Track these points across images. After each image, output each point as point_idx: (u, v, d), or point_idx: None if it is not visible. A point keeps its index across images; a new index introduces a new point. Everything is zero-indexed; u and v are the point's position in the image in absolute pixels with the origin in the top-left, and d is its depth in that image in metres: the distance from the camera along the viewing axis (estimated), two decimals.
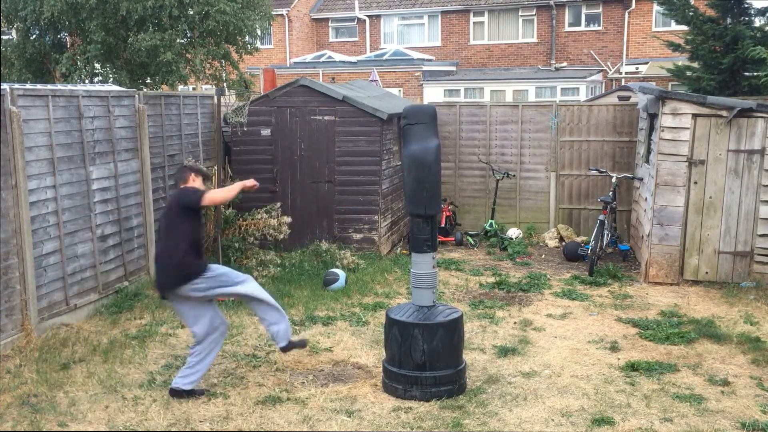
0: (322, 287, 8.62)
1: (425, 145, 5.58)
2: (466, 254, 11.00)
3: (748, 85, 12.88)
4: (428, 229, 5.70)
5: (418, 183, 5.59)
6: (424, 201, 5.62)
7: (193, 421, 5.25)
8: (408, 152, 5.63)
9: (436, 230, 5.82)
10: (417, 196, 5.63)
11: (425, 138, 5.61)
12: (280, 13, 25.50)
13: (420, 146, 5.58)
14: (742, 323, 7.56)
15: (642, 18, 24.00)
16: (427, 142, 5.59)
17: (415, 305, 5.78)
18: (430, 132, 5.67)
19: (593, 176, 11.59)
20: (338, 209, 10.29)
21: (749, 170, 8.80)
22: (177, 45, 15.38)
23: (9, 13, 15.57)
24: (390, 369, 5.72)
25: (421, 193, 5.61)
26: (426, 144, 5.58)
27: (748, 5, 13.47)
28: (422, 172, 5.57)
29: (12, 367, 6.13)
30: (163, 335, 7.03)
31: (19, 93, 6.69)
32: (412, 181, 5.62)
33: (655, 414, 5.40)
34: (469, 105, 12.89)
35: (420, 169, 5.57)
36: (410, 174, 5.62)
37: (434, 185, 5.65)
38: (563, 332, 7.28)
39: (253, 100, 10.41)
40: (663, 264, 9.12)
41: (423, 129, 5.63)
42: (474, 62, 26.21)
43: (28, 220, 6.69)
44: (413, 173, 5.60)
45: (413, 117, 5.68)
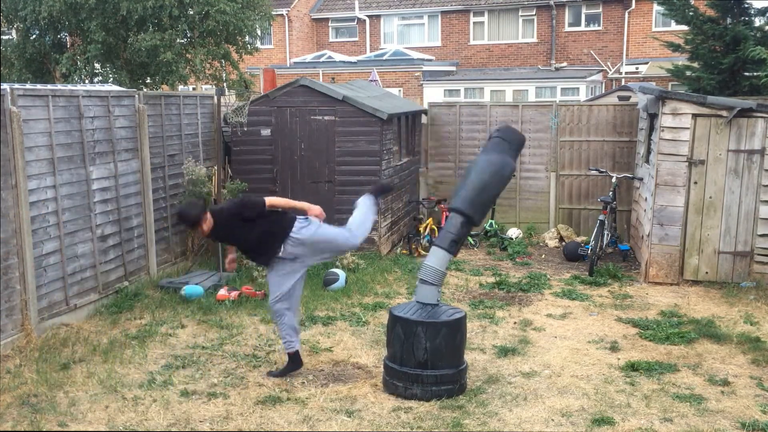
0: (322, 287, 8.62)
1: (506, 160, 5.77)
2: (466, 254, 11.00)
3: (748, 85, 12.87)
4: (462, 233, 5.74)
5: (482, 187, 5.69)
6: (478, 205, 5.70)
7: (193, 421, 5.25)
8: (489, 157, 5.78)
9: (466, 238, 5.88)
10: (475, 198, 5.68)
11: (507, 155, 5.82)
12: (280, 13, 25.50)
13: (501, 158, 5.76)
14: (742, 323, 7.56)
15: (642, 18, 24.00)
16: (507, 159, 5.80)
17: (418, 303, 5.78)
18: (513, 154, 5.90)
19: (593, 176, 11.59)
20: (338, 209, 10.27)
21: (749, 170, 8.80)
22: (177, 45, 15.38)
23: (9, 13, 15.57)
24: (391, 366, 5.72)
25: (480, 198, 5.68)
26: (506, 160, 5.78)
27: (748, 5, 13.47)
28: (494, 179, 5.71)
29: (12, 367, 6.13)
30: (163, 335, 7.03)
31: (19, 93, 6.69)
32: (477, 183, 5.69)
33: (655, 414, 5.40)
34: (469, 105, 12.90)
35: (493, 176, 5.70)
36: (479, 176, 5.70)
37: (493, 197, 5.93)
38: (563, 332, 7.28)
39: (253, 100, 10.40)
40: (663, 264, 9.12)
41: (508, 147, 5.86)
42: (474, 62, 26.21)
43: (28, 220, 6.69)
44: (485, 176, 5.69)
45: (506, 134, 5.97)
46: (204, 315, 7.63)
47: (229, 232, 5.93)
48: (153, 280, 8.70)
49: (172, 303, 7.97)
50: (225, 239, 6.33)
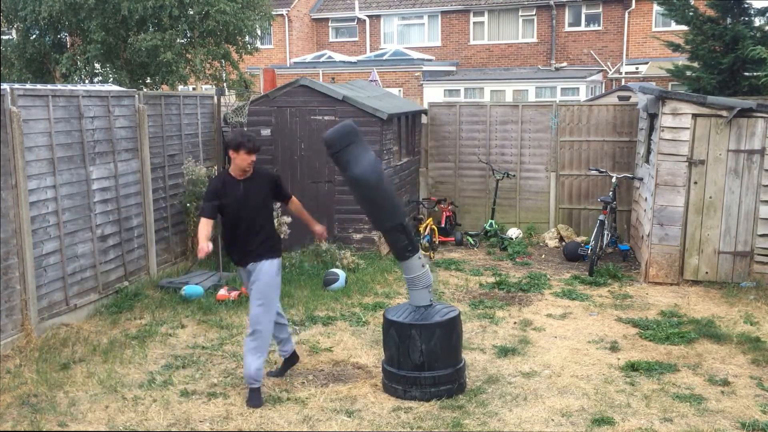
0: (322, 287, 8.62)
1: (361, 165, 5.33)
2: (466, 254, 11.00)
3: (748, 85, 12.87)
4: (404, 236, 5.62)
5: (369, 202, 5.54)
6: (385, 216, 5.55)
7: (193, 421, 5.25)
8: (348, 178, 5.43)
9: (411, 233, 5.77)
10: (376, 214, 5.61)
11: (360, 156, 5.34)
12: (280, 13, 25.51)
13: (358, 169, 5.33)
14: (742, 323, 7.56)
15: (642, 18, 24.00)
16: (362, 162, 5.32)
17: (412, 305, 5.78)
18: (361, 148, 5.40)
19: (593, 176, 11.59)
20: (338, 209, 10.30)
21: (749, 170, 8.80)
22: (177, 45, 15.39)
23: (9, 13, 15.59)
24: (389, 370, 5.72)
25: (379, 212, 5.56)
26: (362, 164, 5.31)
27: (748, 5, 13.46)
28: (369, 192, 5.45)
29: (12, 367, 6.13)
30: (163, 335, 7.03)
31: (19, 93, 6.69)
32: (364, 203, 5.58)
33: (655, 414, 5.40)
34: (469, 105, 12.89)
35: (366, 191, 5.45)
36: (359, 197, 5.57)
37: (388, 196, 5.54)
38: (563, 332, 7.28)
39: (253, 100, 10.41)
40: (663, 264, 9.12)
41: (354, 148, 5.36)
42: (474, 62, 26.21)
43: (28, 220, 6.69)
44: (360, 195, 5.53)
45: (337, 143, 5.34)
46: (204, 315, 7.63)
47: (255, 192, 5.59)
48: (153, 280, 8.71)
49: (172, 303, 7.97)
50: (243, 198, 5.57)
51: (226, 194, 5.58)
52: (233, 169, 5.63)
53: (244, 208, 5.60)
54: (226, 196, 5.57)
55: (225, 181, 5.66)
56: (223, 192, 5.59)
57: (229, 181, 5.64)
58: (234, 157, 5.55)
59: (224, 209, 5.60)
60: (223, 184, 5.64)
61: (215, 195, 5.59)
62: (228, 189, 5.60)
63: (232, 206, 5.58)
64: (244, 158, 5.52)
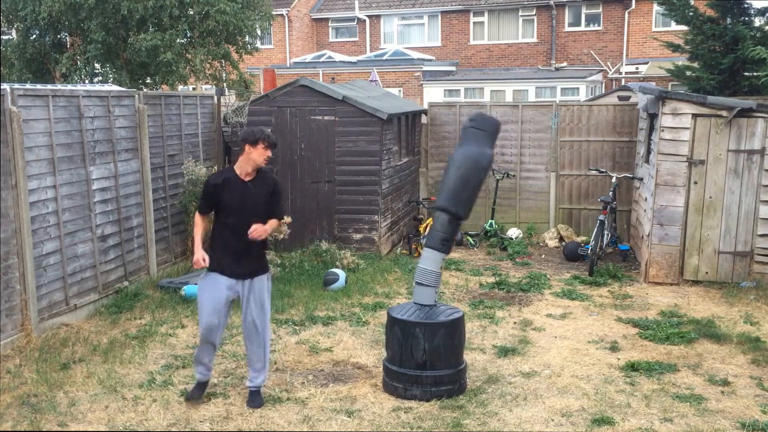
0: (322, 287, 8.62)
1: (483, 150, 5.65)
2: (466, 254, 11.00)
3: (748, 85, 12.87)
4: (451, 230, 5.69)
5: (463, 181, 5.59)
6: (462, 201, 5.63)
7: (193, 421, 5.25)
8: (465, 150, 5.65)
9: (456, 234, 5.81)
10: (458, 194, 5.62)
11: (484, 145, 5.68)
12: (280, 13, 25.50)
13: (477, 149, 5.63)
14: (742, 323, 7.56)
15: (642, 18, 23.99)
16: (484, 149, 5.67)
17: (416, 304, 5.78)
18: (489, 142, 5.75)
19: (593, 176, 11.59)
20: (338, 209, 10.29)
21: (749, 170, 8.80)
22: (177, 45, 15.39)
23: (9, 13, 15.58)
24: (390, 368, 5.72)
25: (463, 193, 5.61)
26: (483, 149, 5.66)
27: (748, 5, 13.46)
28: (473, 173, 5.59)
29: (12, 367, 6.13)
30: (163, 335, 7.03)
31: (19, 93, 6.69)
32: (458, 178, 5.60)
33: (655, 414, 5.40)
34: (469, 105, 12.90)
35: (472, 170, 5.59)
36: (458, 171, 5.61)
37: (476, 190, 5.71)
38: (563, 332, 7.28)
39: (253, 100, 10.41)
40: (663, 264, 9.12)
41: (484, 136, 5.71)
42: (474, 62, 26.20)
43: (28, 220, 6.69)
44: (462, 170, 5.59)
45: (480, 123, 5.80)
46: None
47: (259, 194, 5.33)
48: (153, 280, 8.70)
49: (172, 303, 7.97)
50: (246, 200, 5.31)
51: (226, 192, 5.28)
52: (241, 166, 5.33)
53: (245, 212, 5.28)
54: (227, 195, 5.27)
55: (227, 178, 5.34)
56: (222, 189, 5.29)
57: (231, 178, 5.33)
58: (250, 152, 5.27)
59: (222, 209, 5.31)
60: (224, 181, 5.33)
61: (213, 190, 5.33)
62: (230, 187, 5.29)
63: (233, 207, 5.28)
64: (262, 153, 5.27)
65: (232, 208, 5.31)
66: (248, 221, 5.26)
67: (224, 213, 5.35)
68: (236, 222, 5.29)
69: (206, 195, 5.42)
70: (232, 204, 5.30)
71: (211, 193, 5.35)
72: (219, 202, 5.33)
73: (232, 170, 5.39)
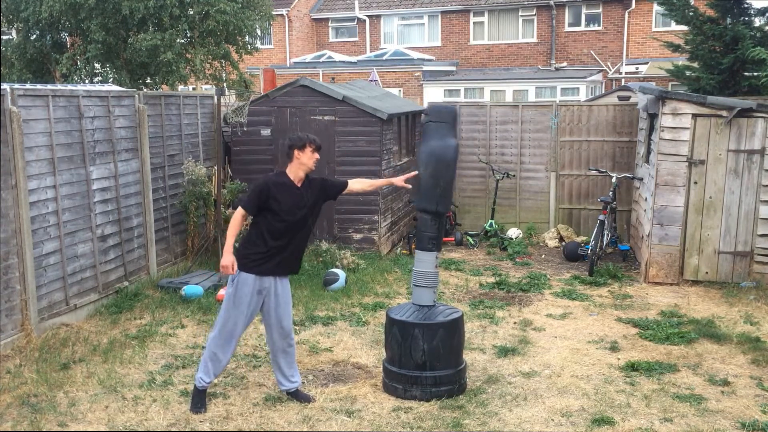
0: (322, 287, 8.62)
1: (445, 142, 5.59)
2: (466, 254, 11.00)
3: (748, 85, 12.87)
4: (435, 228, 5.69)
5: (433, 179, 5.58)
6: (436, 198, 5.62)
7: (193, 421, 5.25)
8: (427, 148, 5.62)
9: (443, 230, 5.82)
10: (430, 192, 5.61)
11: (445, 136, 5.62)
12: (280, 13, 25.50)
13: (440, 143, 5.58)
14: (742, 323, 7.56)
15: (642, 18, 24.00)
16: (447, 140, 5.61)
17: (415, 305, 5.78)
18: (451, 132, 5.69)
19: (593, 176, 11.60)
20: (338, 209, 10.29)
21: (749, 170, 8.80)
22: (177, 45, 15.39)
23: (9, 14, 15.59)
24: (390, 369, 5.72)
25: (435, 190, 5.60)
26: (446, 142, 5.60)
27: (748, 5, 13.46)
28: (440, 168, 5.57)
29: (12, 367, 6.12)
30: (163, 335, 7.03)
31: (19, 93, 6.69)
32: (427, 177, 5.60)
33: (655, 414, 5.40)
34: (469, 105, 12.89)
35: (438, 166, 5.57)
36: (426, 169, 5.60)
37: (448, 183, 5.67)
38: (563, 332, 7.28)
39: (253, 100, 10.41)
40: (663, 264, 9.12)
41: (444, 128, 5.65)
42: (474, 62, 26.21)
43: (28, 220, 6.69)
44: (430, 169, 5.58)
45: (436, 115, 5.71)
46: (204, 315, 7.63)
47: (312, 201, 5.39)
48: (153, 280, 8.70)
49: (172, 303, 7.97)
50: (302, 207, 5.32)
51: (281, 197, 5.24)
52: (294, 172, 5.31)
53: (299, 219, 5.31)
54: (282, 200, 5.23)
55: (283, 183, 5.29)
56: (276, 193, 5.23)
57: (287, 183, 5.30)
58: (299, 157, 5.27)
59: (273, 214, 5.23)
60: (281, 185, 5.27)
61: (267, 193, 5.21)
62: (285, 192, 5.27)
63: (288, 213, 5.26)
64: (311, 156, 5.29)
65: (292, 214, 5.27)
66: (303, 227, 5.38)
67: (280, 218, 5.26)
68: (292, 229, 5.33)
69: (258, 196, 5.24)
70: (293, 209, 5.28)
71: (265, 196, 5.23)
72: (272, 209, 5.22)
73: (286, 175, 5.35)
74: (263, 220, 5.28)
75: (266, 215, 5.25)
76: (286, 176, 5.34)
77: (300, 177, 5.35)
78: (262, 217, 5.28)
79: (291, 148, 5.32)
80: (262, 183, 5.33)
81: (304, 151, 5.29)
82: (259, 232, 5.30)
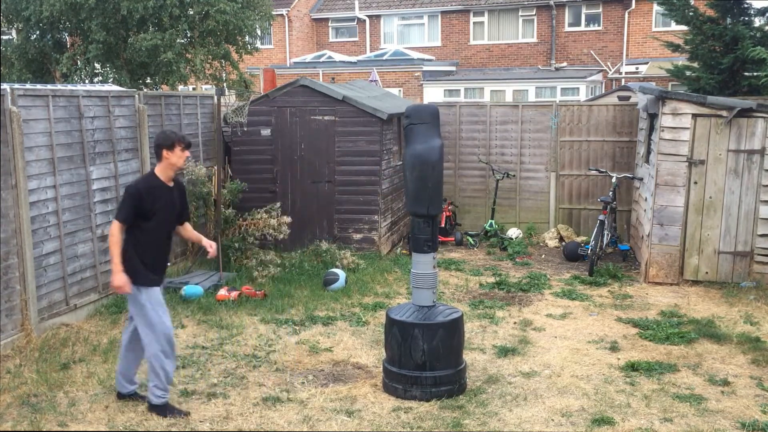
0: (322, 287, 8.62)
1: (428, 144, 5.57)
2: (466, 254, 11.00)
3: (747, 85, 12.86)
4: (429, 229, 5.69)
5: (420, 182, 5.58)
6: (426, 200, 5.61)
7: (193, 421, 5.25)
8: (411, 151, 5.61)
9: (437, 230, 5.82)
10: (419, 195, 5.61)
11: (428, 137, 5.59)
12: (280, 13, 25.51)
13: (423, 145, 5.56)
14: (742, 323, 7.56)
15: (642, 18, 24.00)
16: (430, 142, 5.58)
17: (415, 305, 5.78)
18: (433, 131, 5.65)
19: (593, 176, 11.60)
20: (338, 209, 10.29)
21: (749, 170, 8.80)
22: (177, 45, 15.39)
23: (9, 14, 15.59)
24: (390, 369, 5.72)
25: (424, 193, 5.59)
26: (429, 143, 5.57)
27: (748, 5, 13.45)
28: (426, 171, 5.55)
29: (12, 367, 6.12)
30: None
31: (19, 93, 6.69)
32: (414, 180, 5.60)
33: (655, 414, 5.40)
34: (469, 105, 12.89)
35: (423, 168, 5.55)
36: (413, 173, 5.60)
37: (437, 185, 5.64)
38: (563, 332, 7.28)
39: (253, 100, 10.40)
40: (663, 264, 9.12)
41: (426, 128, 5.62)
42: (474, 62, 26.21)
43: (28, 220, 6.69)
44: (416, 172, 5.57)
45: (416, 116, 5.67)
46: (204, 315, 7.63)
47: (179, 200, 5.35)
48: None
49: (172, 303, 7.95)
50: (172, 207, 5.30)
51: (156, 199, 5.13)
52: (164, 172, 5.21)
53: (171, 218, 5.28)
54: (157, 202, 5.12)
55: (155, 185, 5.18)
56: (150, 197, 5.11)
57: (159, 185, 5.19)
58: (168, 156, 5.15)
59: (150, 217, 5.11)
60: (153, 188, 5.16)
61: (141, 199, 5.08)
62: (158, 194, 5.16)
63: (163, 214, 5.17)
64: (181, 155, 5.19)
65: (165, 214, 5.21)
66: (173, 227, 5.37)
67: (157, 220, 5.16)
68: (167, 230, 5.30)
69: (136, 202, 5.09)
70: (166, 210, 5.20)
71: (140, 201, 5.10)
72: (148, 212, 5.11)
73: (156, 177, 5.22)
74: (139, 229, 5.14)
75: (142, 222, 5.12)
76: (156, 178, 5.21)
77: (170, 177, 5.24)
78: (137, 225, 5.13)
79: (159, 147, 5.18)
80: (133, 190, 5.15)
81: (173, 150, 5.16)
82: (137, 241, 5.17)
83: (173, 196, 5.31)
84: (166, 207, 5.23)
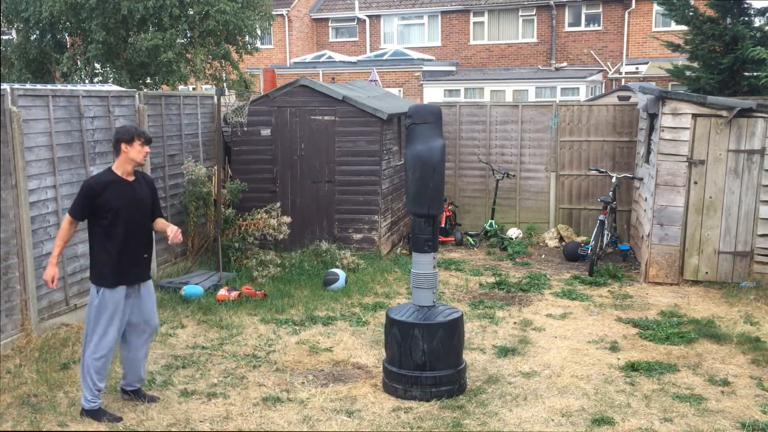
0: (322, 287, 8.62)
1: (430, 144, 5.56)
2: (466, 254, 11.00)
3: (747, 85, 12.87)
4: (430, 229, 5.69)
5: (422, 182, 5.57)
6: (427, 201, 5.60)
7: (193, 421, 5.25)
8: (413, 152, 5.60)
9: (438, 230, 5.82)
10: (420, 195, 5.61)
11: (430, 137, 5.59)
12: (280, 13, 25.50)
13: (425, 146, 5.55)
14: (742, 323, 7.56)
15: (642, 18, 24.00)
16: (431, 142, 5.57)
17: (415, 305, 5.78)
18: (435, 132, 5.64)
19: (593, 176, 11.60)
20: (338, 209, 10.29)
21: (749, 170, 8.80)
22: (177, 45, 15.40)
23: (9, 14, 15.60)
24: (390, 369, 5.72)
25: (425, 193, 5.59)
26: (431, 143, 5.56)
27: (748, 5, 13.46)
28: (427, 171, 5.55)
29: (12, 367, 6.12)
30: (162, 335, 7.03)
31: (19, 93, 6.69)
32: (415, 181, 5.60)
33: (655, 414, 5.40)
34: (469, 105, 12.90)
35: (424, 169, 5.55)
36: (414, 173, 5.60)
37: (438, 185, 5.64)
38: (563, 332, 7.28)
39: (253, 100, 10.40)
40: (663, 264, 9.12)
41: (428, 129, 5.60)
42: (474, 62, 26.21)
43: (28, 220, 6.69)
44: (417, 173, 5.57)
45: (418, 116, 5.65)
46: (204, 315, 7.63)
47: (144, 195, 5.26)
48: (153, 279, 8.65)
49: (172, 303, 7.97)
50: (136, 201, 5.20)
51: (114, 195, 5.05)
52: (121, 166, 5.14)
53: (137, 215, 5.18)
54: (115, 198, 5.05)
55: (111, 181, 5.10)
56: (109, 192, 5.05)
57: (115, 180, 5.11)
58: (127, 151, 5.08)
59: (109, 214, 5.05)
60: (109, 183, 5.08)
61: (93, 194, 5.02)
62: (116, 189, 5.08)
63: (125, 210, 5.09)
64: (140, 150, 5.12)
65: (128, 210, 5.13)
66: (143, 223, 5.28)
67: (119, 217, 5.09)
68: (132, 226, 5.18)
69: (87, 199, 5.04)
70: (128, 206, 5.13)
71: (94, 197, 5.04)
72: (107, 209, 5.05)
73: (113, 172, 5.17)
74: (100, 226, 5.10)
75: (100, 219, 5.08)
76: (112, 173, 5.16)
77: (128, 171, 5.17)
78: (95, 222, 5.10)
79: (118, 141, 5.13)
80: (86, 185, 5.14)
81: (132, 144, 5.10)
82: (99, 239, 5.12)
83: (136, 191, 5.19)
84: (129, 203, 5.12)
